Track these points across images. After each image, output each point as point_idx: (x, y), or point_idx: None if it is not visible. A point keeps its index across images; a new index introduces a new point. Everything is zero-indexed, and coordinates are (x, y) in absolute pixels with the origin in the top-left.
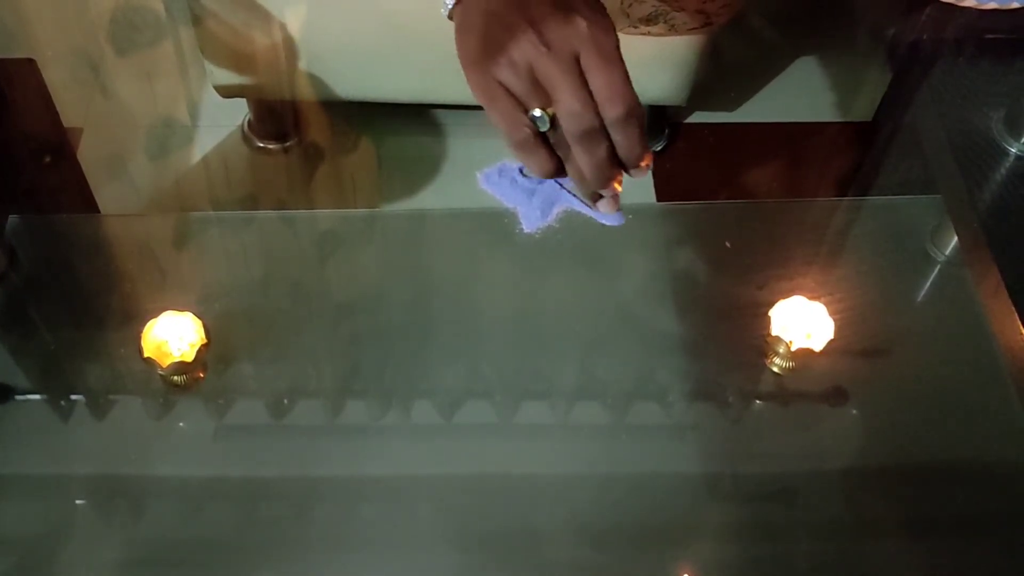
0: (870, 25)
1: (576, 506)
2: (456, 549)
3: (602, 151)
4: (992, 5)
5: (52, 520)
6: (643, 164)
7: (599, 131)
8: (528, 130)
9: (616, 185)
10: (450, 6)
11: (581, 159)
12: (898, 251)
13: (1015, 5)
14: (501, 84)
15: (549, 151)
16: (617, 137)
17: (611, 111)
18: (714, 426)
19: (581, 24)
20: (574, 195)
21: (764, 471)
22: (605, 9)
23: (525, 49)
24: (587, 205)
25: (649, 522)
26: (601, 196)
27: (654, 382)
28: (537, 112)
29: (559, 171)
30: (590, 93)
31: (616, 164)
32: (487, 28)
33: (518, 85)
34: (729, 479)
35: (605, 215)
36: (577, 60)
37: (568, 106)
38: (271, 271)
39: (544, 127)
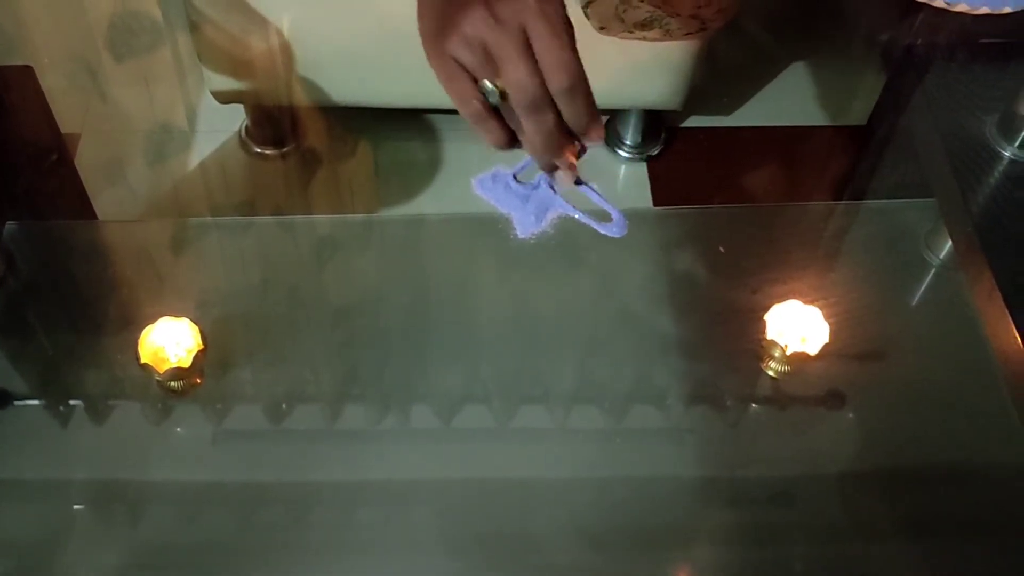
0: (864, 30)
1: (574, 509)
2: (455, 553)
3: (549, 121)
4: (984, 10)
5: (50, 525)
6: (597, 135)
7: (546, 101)
8: (479, 103)
9: (570, 157)
10: None
11: (530, 130)
12: (893, 255)
13: (1007, 10)
14: (456, 60)
15: (501, 123)
16: (564, 107)
17: (556, 82)
18: (710, 429)
19: None
20: (569, 201)
21: (760, 474)
22: None
23: (476, 24)
24: (584, 213)
25: (647, 525)
26: (557, 168)
27: (651, 386)
28: (488, 85)
29: (512, 143)
30: (536, 65)
31: (566, 134)
32: (444, 6)
33: (471, 60)
34: (726, 482)
35: (605, 225)
36: (525, 33)
37: (514, 77)
38: (268, 277)
39: (494, 99)
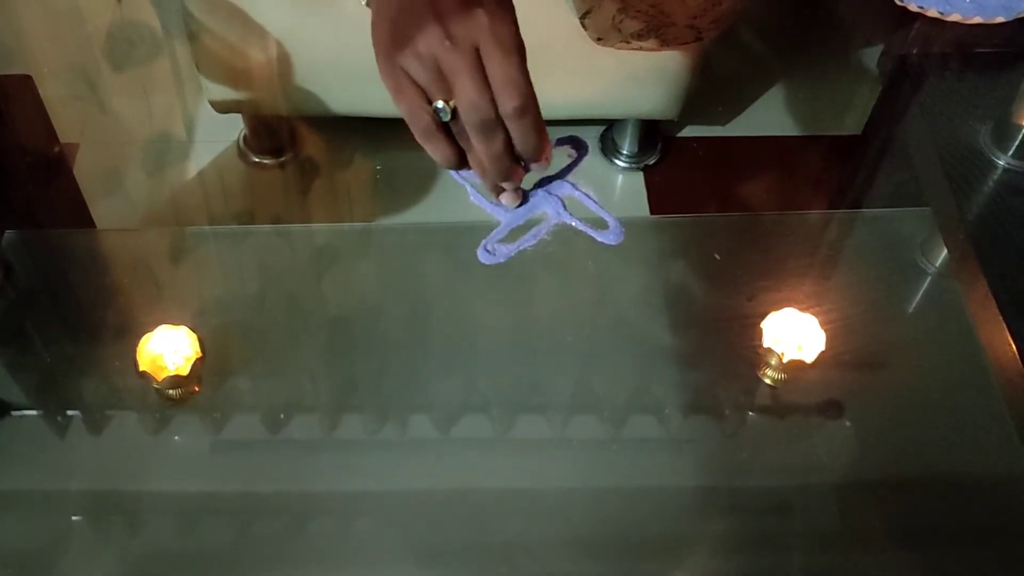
0: (859, 40)
1: (572, 519)
2: (453, 563)
3: (499, 143)
4: (977, 20)
5: (48, 535)
6: (543, 158)
7: (496, 123)
8: (430, 119)
9: (516, 177)
10: None
11: (479, 150)
12: (888, 263)
13: (1000, 19)
14: (407, 74)
15: (450, 141)
16: (513, 129)
17: (506, 103)
18: (707, 438)
19: (483, 18)
20: (566, 209)
21: (758, 483)
22: (511, 4)
23: (430, 42)
24: (581, 221)
25: (645, 535)
26: (503, 189)
27: (648, 395)
28: (439, 103)
29: (461, 161)
30: (488, 86)
31: (514, 156)
32: (398, 19)
33: (423, 76)
34: (723, 491)
35: (601, 232)
36: (478, 53)
37: (466, 97)
38: (266, 285)
39: (446, 117)
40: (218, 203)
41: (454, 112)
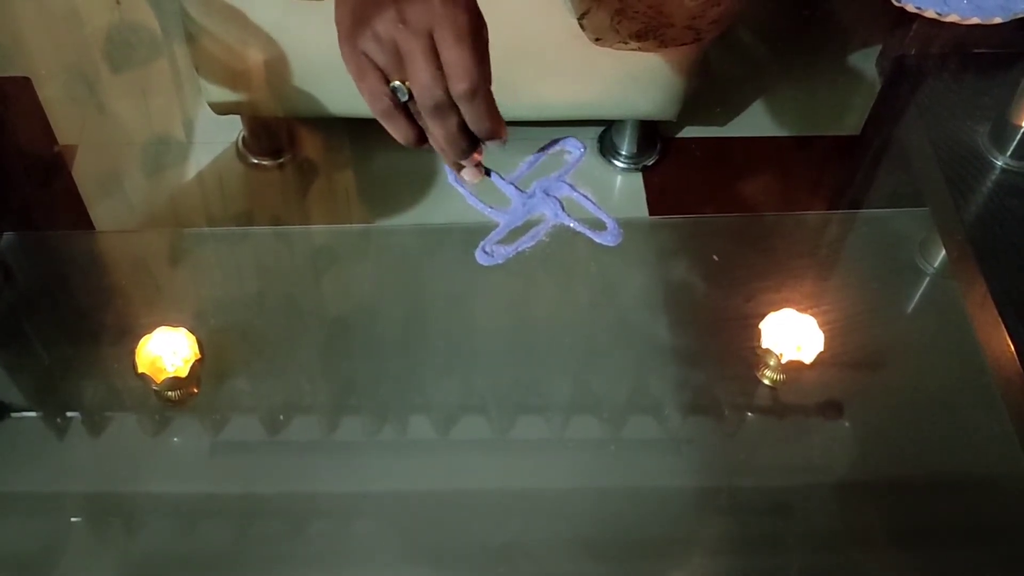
0: (857, 40)
1: (571, 520)
2: (452, 564)
3: (453, 124)
4: (975, 20)
5: (47, 537)
6: (499, 138)
7: (448, 105)
8: (389, 100)
9: (476, 155)
10: None
11: (435, 131)
12: (887, 263)
13: (997, 20)
14: (368, 56)
15: (409, 120)
16: (465, 111)
17: (457, 86)
18: (706, 438)
19: (436, 2)
20: (564, 211)
21: (757, 483)
22: None
23: (387, 25)
24: (579, 222)
25: (644, 535)
26: (463, 166)
27: (647, 395)
28: (396, 83)
29: (420, 140)
30: (441, 69)
31: (470, 136)
32: (358, 2)
33: (381, 58)
34: (722, 491)
35: (600, 233)
36: (432, 36)
37: (419, 81)
38: (265, 287)
39: (403, 97)
40: (217, 205)
41: (411, 92)
